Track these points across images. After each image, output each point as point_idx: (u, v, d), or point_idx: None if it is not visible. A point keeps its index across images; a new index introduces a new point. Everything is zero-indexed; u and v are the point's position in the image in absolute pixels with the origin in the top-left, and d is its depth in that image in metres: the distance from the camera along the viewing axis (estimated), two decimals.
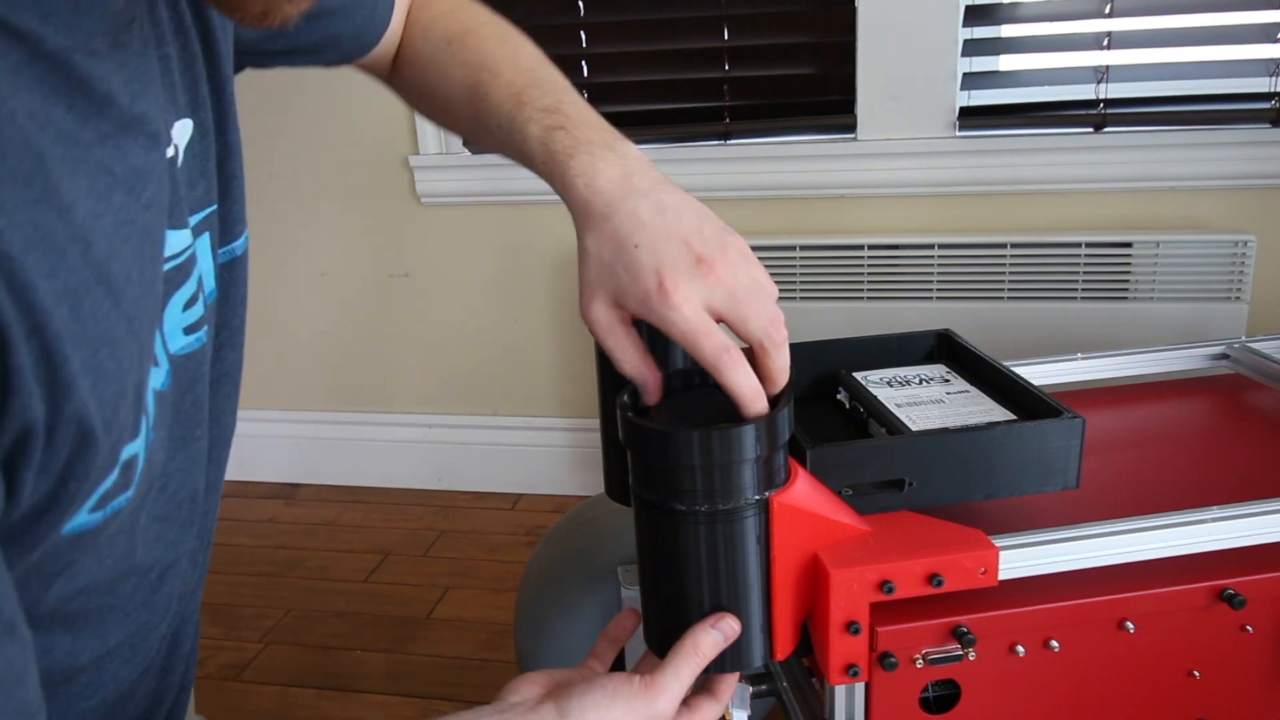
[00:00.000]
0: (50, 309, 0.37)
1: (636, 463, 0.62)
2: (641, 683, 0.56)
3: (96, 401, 0.40)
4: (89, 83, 0.41)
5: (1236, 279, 1.59)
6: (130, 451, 0.44)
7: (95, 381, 0.40)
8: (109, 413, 0.41)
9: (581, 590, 1.14)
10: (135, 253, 0.43)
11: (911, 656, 0.64)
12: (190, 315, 0.52)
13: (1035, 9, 1.69)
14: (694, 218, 0.56)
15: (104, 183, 0.42)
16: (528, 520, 2.00)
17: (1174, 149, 1.65)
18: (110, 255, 0.41)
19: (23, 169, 0.36)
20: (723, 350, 0.53)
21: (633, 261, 0.53)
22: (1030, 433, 0.69)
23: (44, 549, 0.42)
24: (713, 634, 0.59)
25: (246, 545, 1.98)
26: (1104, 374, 1.00)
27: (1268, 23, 1.60)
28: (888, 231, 1.76)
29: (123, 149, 0.43)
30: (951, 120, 1.71)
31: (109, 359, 0.40)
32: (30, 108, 0.37)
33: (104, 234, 0.41)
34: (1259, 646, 0.68)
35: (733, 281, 0.54)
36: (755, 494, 0.59)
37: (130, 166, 0.43)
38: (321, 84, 1.94)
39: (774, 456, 0.60)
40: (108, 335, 0.40)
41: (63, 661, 0.50)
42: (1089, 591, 0.66)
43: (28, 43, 0.37)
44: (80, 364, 0.39)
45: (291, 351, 2.17)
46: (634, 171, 0.58)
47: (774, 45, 1.79)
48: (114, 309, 0.41)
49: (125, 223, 0.43)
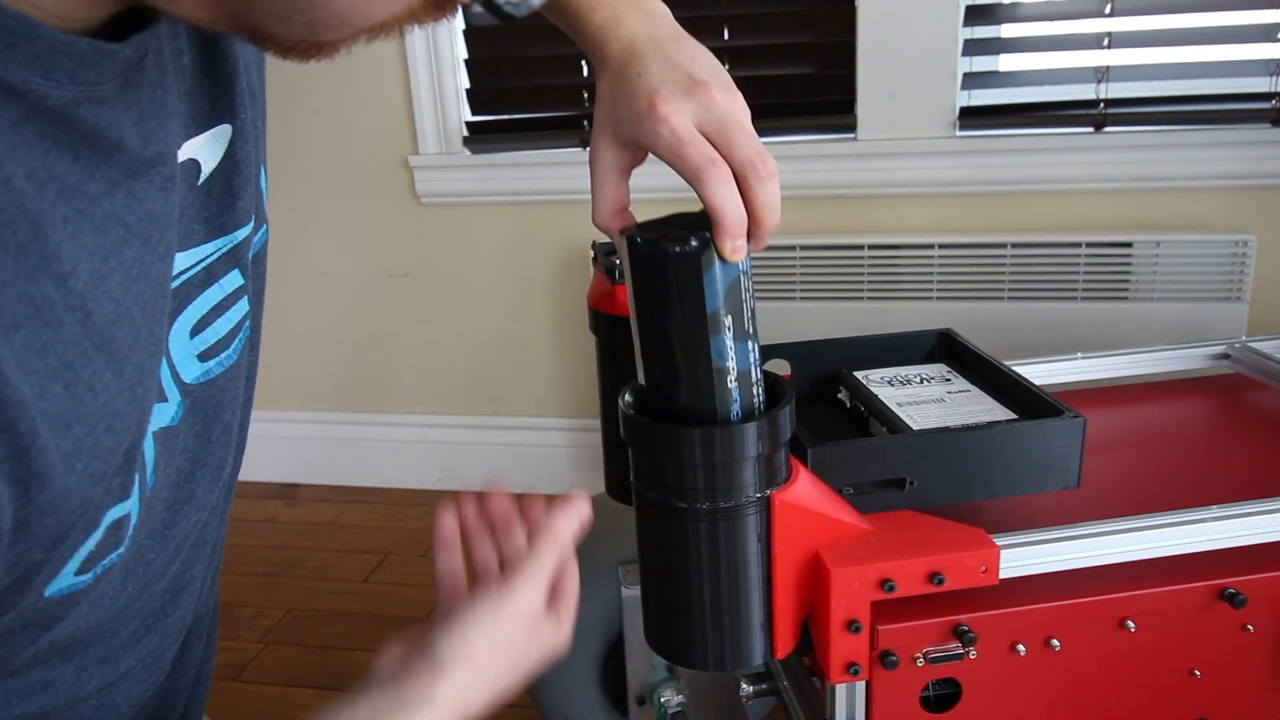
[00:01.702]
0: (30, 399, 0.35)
1: (638, 460, 0.62)
2: (499, 582, 0.53)
3: (79, 480, 0.37)
4: (95, 131, 0.38)
5: (1237, 279, 1.59)
6: (118, 513, 0.42)
7: (89, 462, 0.37)
8: (88, 488, 0.38)
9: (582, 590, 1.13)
10: (145, 312, 0.41)
11: (912, 655, 0.64)
12: (203, 341, 0.49)
13: (1035, 9, 1.69)
14: (701, 55, 0.54)
15: (115, 236, 0.39)
16: None
17: (1174, 149, 1.65)
18: (116, 320, 0.39)
19: (16, 239, 0.34)
20: (709, 161, 0.50)
21: (631, 88, 0.52)
22: (1031, 432, 0.69)
23: (24, 608, 0.40)
24: (569, 520, 0.56)
25: (246, 545, 1.98)
26: (1104, 374, 1.00)
27: (1268, 23, 1.60)
28: (888, 231, 1.76)
29: (136, 195, 0.41)
30: (951, 120, 1.71)
31: (105, 435, 0.38)
32: (30, 167, 0.35)
33: (109, 297, 0.39)
34: (1259, 646, 0.68)
35: (727, 106, 0.52)
36: (756, 492, 0.59)
37: (146, 214, 0.41)
38: (322, 84, 1.94)
39: (775, 454, 0.60)
40: (106, 409, 0.38)
41: (67, 692, 0.47)
42: (1090, 590, 0.66)
43: (28, 101, 0.35)
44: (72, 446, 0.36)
45: (291, 351, 2.17)
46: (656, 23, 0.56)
47: (774, 45, 1.79)
48: (115, 379, 0.39)
49: (138, 279, 0.40)
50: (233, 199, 0.50)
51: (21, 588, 0.38)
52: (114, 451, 0.39)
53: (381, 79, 1.92)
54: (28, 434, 0.35)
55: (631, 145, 0.54)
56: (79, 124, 0.38)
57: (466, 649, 0.51)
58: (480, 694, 0.52)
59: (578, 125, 1.89)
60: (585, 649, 1.14)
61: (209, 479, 0.52)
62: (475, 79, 1.91)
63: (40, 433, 0.35)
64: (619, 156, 0.55)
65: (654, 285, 0.55)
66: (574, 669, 1.15)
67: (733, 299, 0.54)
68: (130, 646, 0.51)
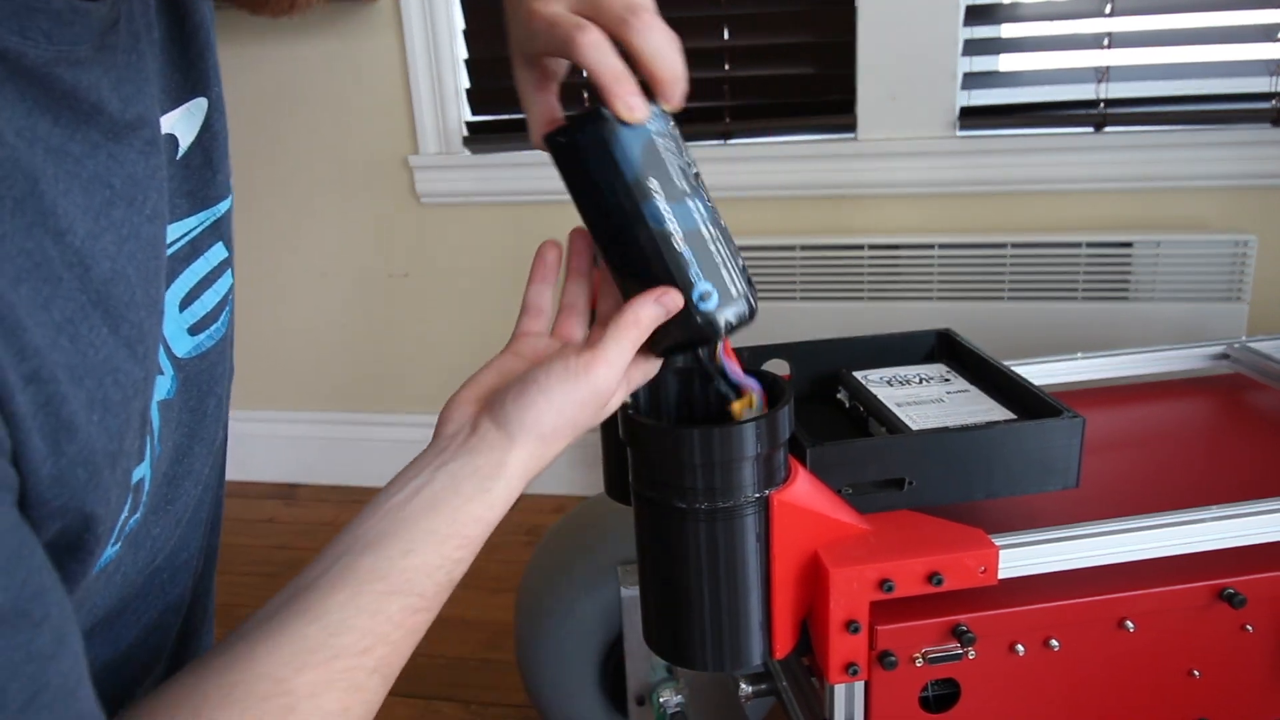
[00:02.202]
0: (45, 348, 0.35)
1: (637, 461, 0.62)
2: (578, 361, 0.51)
3: (104, 435, 0.38)
4: (75, 93, 0.38)
5: (1237, 279, 1.59)
6: (138, 475, 0.42)
7: (103, 415, 0.38)
8: (115, 444, 0.39)
9: (581, 590, 1.14)
10: (139, 272, 0.41)
11: (911, 655, 0.64)
12: (192, 314, 0.49)
13: (1035, 9, 1.69)
14: None
15: (101, 197, 0.39)
16: (528, 520, 1.99)
17: (1174, 149, 1.65)
18: (112, 278, 0.39)
19: (13, 194, 0.34)
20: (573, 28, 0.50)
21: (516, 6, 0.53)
22: (1030, 432, 0.69)
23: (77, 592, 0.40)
24: (653, 306, 0.54)
25: (246, 545, 1.98)
26: (1104, 374, 1.00)
27: (1268, 23, 1.60)
28: (888, 231, 1.76)
29: (118, 158, 0.41)
30: (951, 120, 1.71)
31: (113, 388, 0.38)
32: (16, 125, 0.35)
33: (105, 255, 0.39)
34: (1259, 646, 0.68)
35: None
36: (755, 492, 0.59)
37: (128, 176, 0.41)
38: (322, 84, 1.94)
39: (774, 454, 0.60)
40: (109, 363, 0.38)
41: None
42: (1089, 591, 0.66)
43: (6, 60, 0.35)
44: (85, 398, 0.37)
45: (291, 351, 2.17)
46: None
47: (774, 45, 1.79)
48: (112, 336, 0.39)
49: (128, 239, 0.40)
50: (212, 172, 0.51)
51: (81, 557, 0.39)
52: (124, 407, 0.39)
53: (381, 79, 1.92)
54: (51, 381, 0.35)
55: (532, 58, 0.54)
56: (58, 85, 0.38)
57: (537, 424, 0.51)
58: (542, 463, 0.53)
59: None
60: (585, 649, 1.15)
61: (204, 452, 0.52)
62: (475, 79, 1.91)
63: (60, 379, 0.35)
64: (530, 74, 0.55)
65: (574, 174, 0.54)
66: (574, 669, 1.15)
67: (651, 161, 0.53)
68: (131, 625, 0.51)
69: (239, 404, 2.23)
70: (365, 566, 0.46)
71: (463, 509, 0.49)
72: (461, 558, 0.49)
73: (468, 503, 0.50)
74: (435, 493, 0.50)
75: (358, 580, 0.46)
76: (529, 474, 0.52)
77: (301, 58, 1.94)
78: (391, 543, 0.48)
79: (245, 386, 2.22)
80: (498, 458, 0.51)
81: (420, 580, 0.47)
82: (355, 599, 0.45)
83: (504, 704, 1.47)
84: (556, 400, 0.51)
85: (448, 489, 0.50)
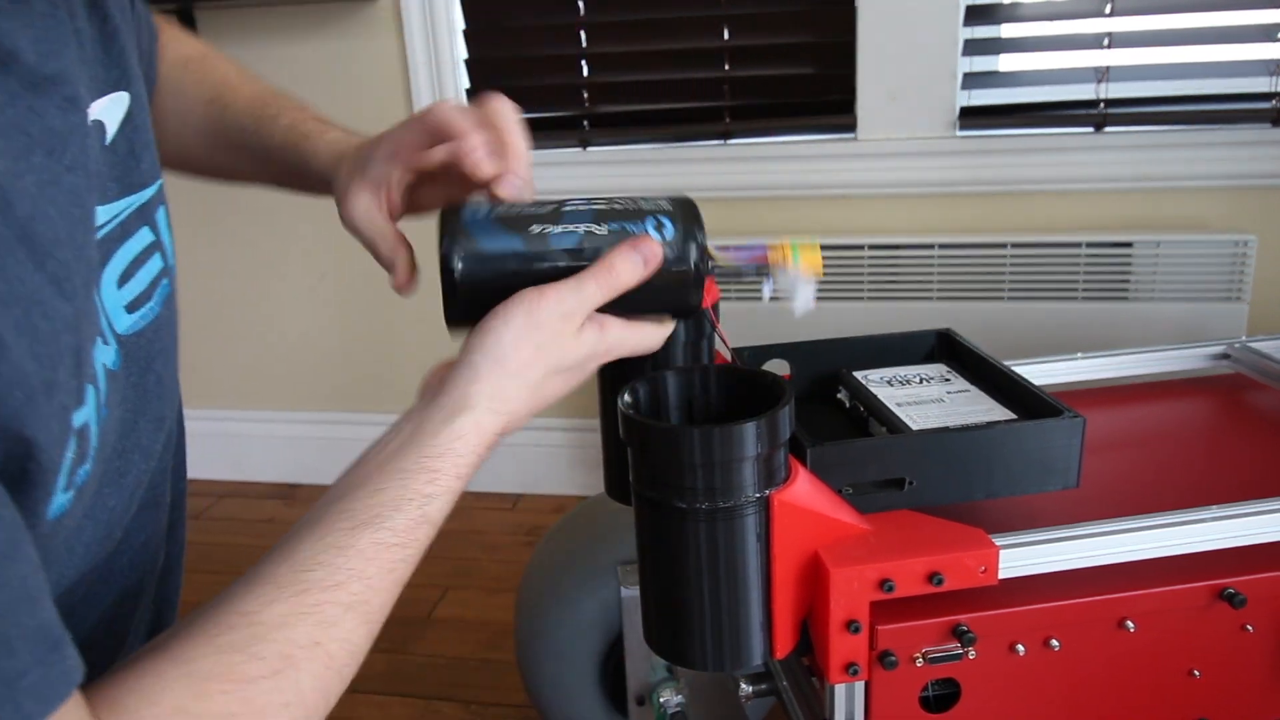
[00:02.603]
0: None
1: (637, 461, 0.62)
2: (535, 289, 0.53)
3: (34, 361, 0.38)
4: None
5: (1237, 279, 1.59)
6: (81, 419, 0.42)
7: (32, 342, 0.38)
8: (48, 373, 0.39)
9: (581, 590, 1.14)
10: (62, 215, 0.42)
11: (911, 655, 0.64)
12: (129, 292, 0.50)
13: (1035, 9, 1.69)
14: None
15: (20, 143, 0.40)
16: (528, 520, 1.99)
17: (1174, 149, 1.65)
18: (34, 216, 0.39)
19: None
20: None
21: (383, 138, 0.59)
22: (1031, 432, 0.69)
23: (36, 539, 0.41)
24: (632, 255, 0.55)
25: (246, 545, 1.98)
26: (1104, 374, 1.00)
27: (1268, 23, 1.60)
28: (888, 231, 1.76)
29: (36, 110, 0.42)
30: (951, 120, 1.71)
31: (41, 320, 0.39)
32: None
33: (26, 194, 0.39)
34: (1259, 646, 0.68)
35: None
36: (756, 492, 0.59)
37: (47, 128, 0.42)
38: (321, 84, 1.94)
39: (774, 454, 0.60)
40: (35, 296, 0.39)
41: None
42: (1089, 590, 0.66)
43: None
44: (13, 323, 0.37)
45: (291, 352, 2.17)
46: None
47: (774, 45, 1.79)
48: (37, 271, 0.39)
49: (49, 184, 0.41)
50: (135, 160, 0.52)
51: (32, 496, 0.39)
52: (54, 340, 0.40)
53: (381, 79, 1.92)
54: None
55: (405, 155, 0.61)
56: None
57: (497, 348, 0.52)
58: (519, 395, 0.53)
59: (578, 125, 1.89)
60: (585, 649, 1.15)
61: (151, 428, 0.53)
62: (475, 79, 1.91)
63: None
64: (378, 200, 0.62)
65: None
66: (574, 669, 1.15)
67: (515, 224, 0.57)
68: (93, 607, 0.51)
69: (239, 404, 2.23)
70: (334, 510, 0.47)
71: (428, 444, 0.50)
72: (432, 494, 0.49)
73: (432, 438, 0.50)
74: (403, 440, 0.51)
75: (327, 522, 0.47)
76: (506, 404, 0.53)
77: (301, 58, 1.94)
78: (360, 487, 0.49)
79: (245, 386, 2.23)
80: (461, 391, 0.52)
81: (388, 514, 0.48)
82: (324, 538, 0.46)
83: (504, 704, 1.47)
84: (514, 323, 0.53)
85: (414, 433, 0.51)
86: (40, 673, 0.35)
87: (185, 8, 1.90)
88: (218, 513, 2.12)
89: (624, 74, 1.88)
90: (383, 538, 0.47)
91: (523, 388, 0.53)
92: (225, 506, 2.15)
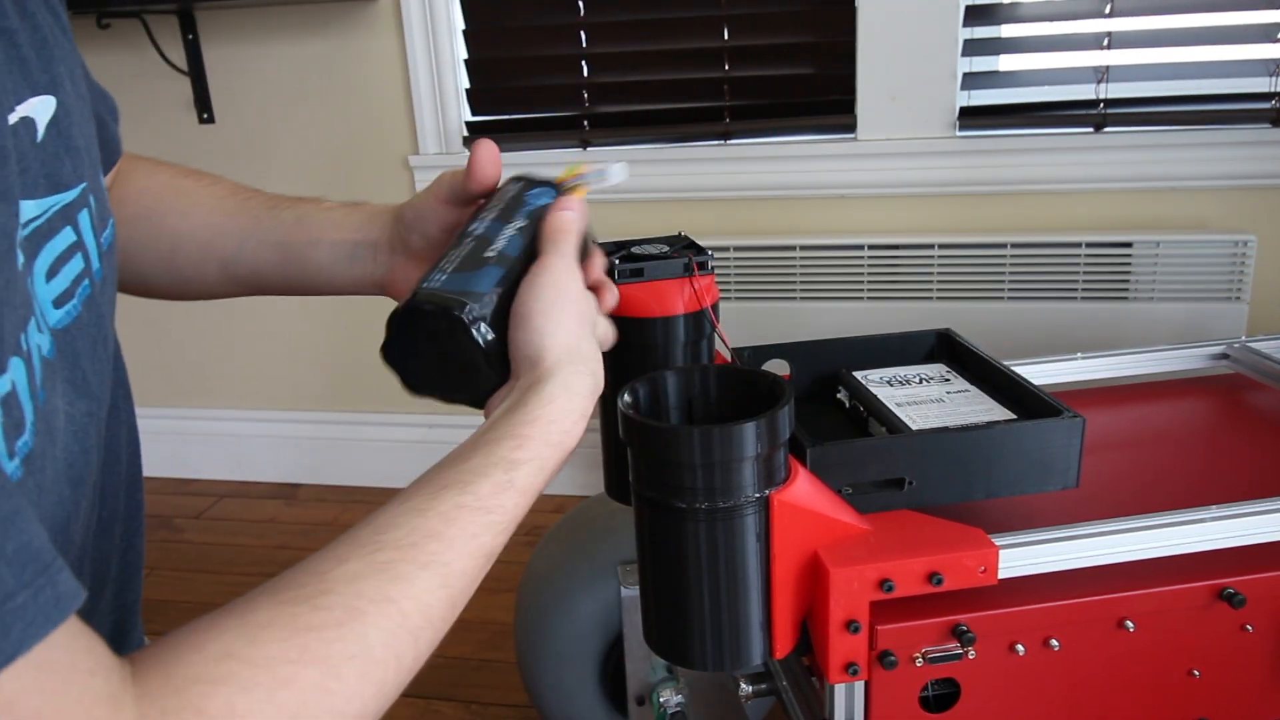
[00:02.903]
0: None
1: (637, 461, 0.62)
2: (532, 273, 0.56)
3: None
4: None
5: (1236, 279, 1.59)
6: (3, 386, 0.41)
7: None
8: None
9: (581, 590, 1.14)
10: None
11: (911, 655, 0.64)
12: (55, 287, 0.50)
13: (1035, 9, 1.69)
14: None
15: None
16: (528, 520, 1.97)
17: (1174, 149, 1.65)
18: None
19: None
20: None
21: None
22: (1030, 432, 0.69)
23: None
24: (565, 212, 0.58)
25: (246, 545, 1.98)
26: (1104, 374, 1.00)
27: (1268, 23, 1.60)
28: (888, 231, 1.76)
29: None
30: (951, 120, 1.71)
31: None
32: None
33: None
34: (1259, 646, 0.68)
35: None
36: (755, 492, 0.59)
37: None
38: (322, 84, 1.94)
39: (774, 454, 0.60)
40: None
41: None
42: (1089, 590, 0.66)
43: None
44: None
45: (291, 352, 2.17)
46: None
47: (774, 45, 1.79)
48: None
49: None
50: (59, 163, 0.52)
51: None
52: None
53: (381, 79, 1.92)
54: None
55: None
56: None
57: (545, 322, 0.53)
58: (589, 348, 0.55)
59: (578, 125, 1.89)
60: (585, 649, 1.15)
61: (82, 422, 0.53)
62: (475, 79, 1.91)
63: None
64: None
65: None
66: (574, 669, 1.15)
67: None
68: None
69: (240, 404, 2.24)
70: (421, 481, 0.47)
71: (516, 415, 0.51)
72: (519, 459, 0.49)
73: (521, 409, 0.51)
74: (495, 419, 0.52)
75: (412, 490, 0.47)
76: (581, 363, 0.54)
77: (301, 58, 1.94)
78: (448, 460, 0.49)
79: (246, 386, 2.23)
80: (535, 371, 0.53)
81: (471, 479, 0.48)
82: (405, 503, 0.46)
83: (504, 704, 1.47)
84: (543, 294, 0.54)
85: (505, 412, 0.52)
86: (28, 595, 0.33)
87: (185, 8, 1.91)
88: (218, 513, 2.12)
89: (624, 74, 1.88)
90: (465, 500, 0.47)
91: (586, 344, 0.55)
92: (226, 506, 2.15)
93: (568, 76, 1.90)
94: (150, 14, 1.91)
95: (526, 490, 0.50)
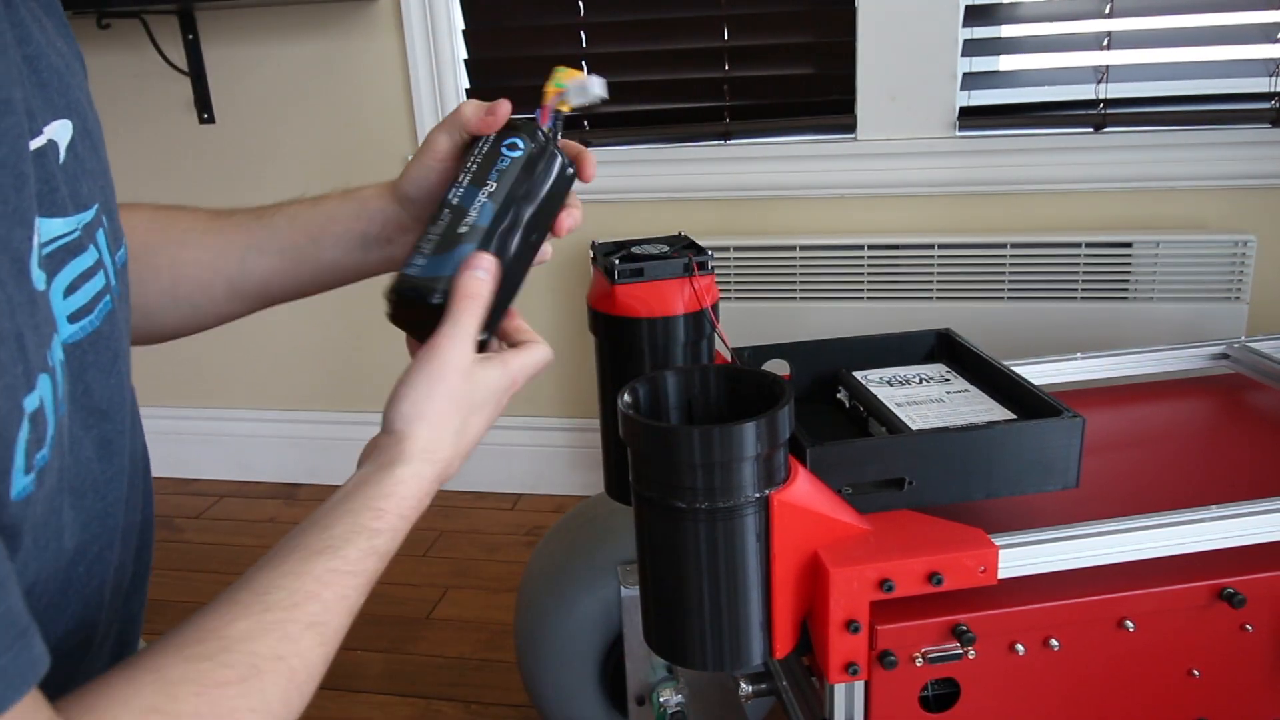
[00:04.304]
0: None
1: (637, 461, 0.62)
2: (422, 350, 0.60)
3: None
4: None
5: (1236, 279, 1.59)
6: (32, 404, 0.43)
7: None
8: None
9: (581, 590, 1.14)
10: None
11: (911, 655, 0.64)
12: (73, 303, 0.52)
13: (1035, 9, 1.69)
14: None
15: None
16: (528, 520, 1.99)
17: (1174, 149, 1.65)
18: None
19: None
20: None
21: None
22: (1030, 432, 0.69)
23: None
24: (475, 274, 0.60)
25: (247, 545, 1.98)
26: (1104, 374, 1.00)
27: (1268, 23, 1.60)
28: (888, 231, 1.76)
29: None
30: (951, 120, 1.71)
31: None
32: None
33: None
34: (1259, 645, 0.69)
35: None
36: (755, 492, 0.59)
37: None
38: (322, 84, 1.94)
39: (774, 454, 0.60)
40: None
41: None
42: (1089, 590, 0.66)
43: None
44: None
45: (292, 352, 2.17)
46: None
47: (774, 45, 1.79)
48: None
49: None
50: (78, 183, 0.54)
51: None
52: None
53: (381, 79, 1.92)
54: None
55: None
56: None
57: (413, 409, 0.58)
58: (449, 443, 0.59)
59: (578, 125, 1.89)
60: (585, 649, 1.15)
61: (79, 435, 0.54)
62: (475, 79, 1.91)
63: None
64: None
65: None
66: (574, 669, 1.15)
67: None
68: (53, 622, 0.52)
69: (240, 404, 2.24)
70: (288, 547, 0.51)
71: (372, 489, 0.55)
72: (379, 528, 0.54)
73: (376, 485, 0.55)
74: (347, 491, 0.56)
75: (281, 556, 0.50)
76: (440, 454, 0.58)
77: (301, 58, 1.94)
78: (310, 527, 0.53)
79: (247, 387, 2.23)
80: (393, 451, 0.57)
81: (339, 545, 0.51)
82: (279, 567, 0.49)
83: (504, 704, 1.47)
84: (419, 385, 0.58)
85: (358, 484, 0.56)
86: (8, 659, 0.35)
87: (185, 8, 1.91)
88: (219, 513, 2.12)
89: (624, 74, 1.88)
90: (336, 565, 0.51)
91: (446, 435, 0.58)
92: (226, 506, 2.15)
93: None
94: (150, 14, 1.91)
95: (385, 555, 0.54)
